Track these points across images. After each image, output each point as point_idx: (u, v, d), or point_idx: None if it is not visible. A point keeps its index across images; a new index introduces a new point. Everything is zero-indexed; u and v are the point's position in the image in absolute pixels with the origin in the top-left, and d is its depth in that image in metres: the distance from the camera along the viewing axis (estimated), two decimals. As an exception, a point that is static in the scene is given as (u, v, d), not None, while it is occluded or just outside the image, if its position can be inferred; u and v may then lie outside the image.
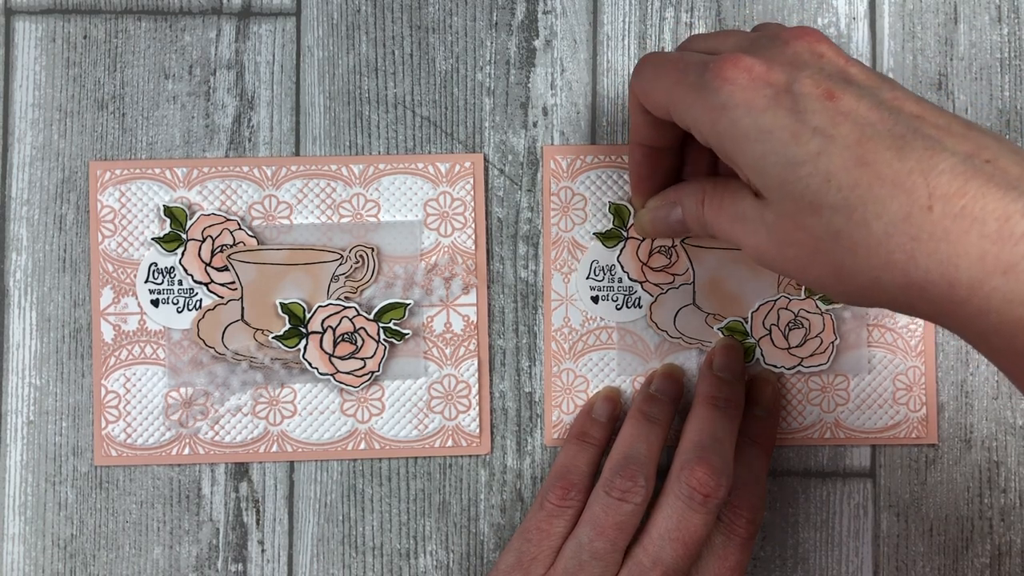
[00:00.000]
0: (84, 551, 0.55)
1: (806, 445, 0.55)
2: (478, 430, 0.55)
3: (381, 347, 0.54)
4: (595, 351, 0.55)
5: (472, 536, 0.55)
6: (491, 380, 0.55)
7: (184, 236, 0.54)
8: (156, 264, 0.55)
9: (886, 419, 0.55)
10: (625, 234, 0.55)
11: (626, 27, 0.56)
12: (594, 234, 0.55)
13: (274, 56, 0.56)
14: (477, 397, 0.55)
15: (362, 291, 0.55)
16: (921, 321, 0.55)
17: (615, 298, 0.55)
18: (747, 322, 0.54)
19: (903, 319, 0.55)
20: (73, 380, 0.55)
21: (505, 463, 0.55)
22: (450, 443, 0.55)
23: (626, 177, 0.55)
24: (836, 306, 0.54)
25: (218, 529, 0.55)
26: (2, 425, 0.55)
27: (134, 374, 0.55)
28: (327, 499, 0.55)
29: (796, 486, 0.55)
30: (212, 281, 0.54)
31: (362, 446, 0.55)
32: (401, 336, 0.54)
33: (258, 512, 0.55)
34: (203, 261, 0.54)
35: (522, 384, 0.55)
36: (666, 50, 0.56)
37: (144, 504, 0.55)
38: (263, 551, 0.55)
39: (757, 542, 0.55)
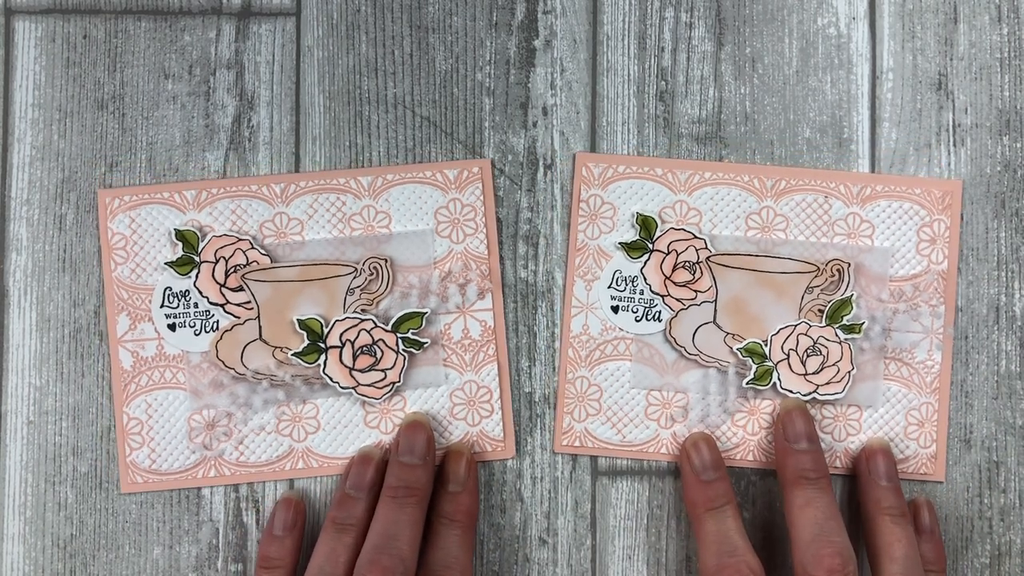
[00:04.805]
0: (84, 551, 0.55)
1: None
2: (502, 434, 0.55)
3: (400, 357, 0.54)
4: (611, 361, 0.55)
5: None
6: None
7: (197, 259, 0.54)
8: (171, 288, 0.55)
9: (895, 453, 0.55)
10: (650, 246, 0.55)
11: (626, 27, 0.56)
12: (619, 244, 0.55)
13: (274, 56, 0.56)
14: (499, 401, 0.55)
15: (378, 303, 0.55)
16: (939, 357, 0.55)
17: (635, 309, 0.55)
18: (766, 345, 0.54)
19: (921, 354, 0.55)
20: (73, 380, 0.55)
21: (505, 463, 0.55)
22: (475, 449, 0.55)
23: (657, 189, 0.55)
24: (855, 335, 0.54)
25: (218, 529, 0.55)
26: (2, 425, 0.55)
27: (155, 399, 0.55)
28: (327, 499, 0.55)
29: (796, 486, 0.55)
30: (228, 302, 0.54)
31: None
32: (420, 345, 0.54)
33: (258, 512, 0.55)
34: (218, 282, 0.54)
35: (522, 384, 0.55)
36: (665, 50, 0.56)
37: (144, 504, 0.55)
38: (263, 551, 0.55)
39: (757, 542, 0.55)
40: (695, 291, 0.55)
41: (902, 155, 0.56)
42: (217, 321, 0.54)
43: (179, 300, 0.54)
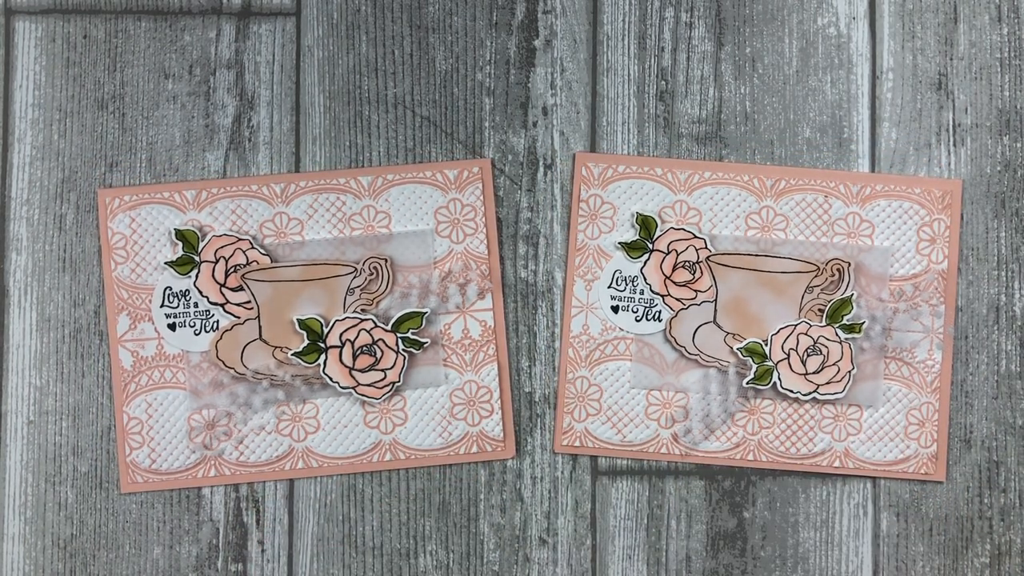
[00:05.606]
0: (84, 551, 0.55)
1: (814, 473, 0.55)
2: (502, 434, 0.55)
3: (400, 357, 0.54)
4: (611, 361, 0.55)
5: (472, 536, 0.55)
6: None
7: (197, 258, 0.54)
8: (171, 288, 0.55)
9: (896, 452, 0.55)
10: (650, 246, 0.55)
11: (626, 27, 0.56)
12: (619, 244, 0.55)
13: (274, 56, 0.56)
14: (499, 401, 0.55)
15: (378, 303, 0.55)
16: (939, 357, 0.55)
17: (635, 309, 0.55)
18: (766, 344, 0.54)
19: (921, 354, 0.55)
20: (73, 380, 0.55)
21: (505, 463, 0.55)
22: (475, 449, 0.55)
23: (657, 189, 0.55)
24: (856, 335, 0.54)
25: (218, 529, 0.55)
26: (2, 425, 0.55)
27: (155, 399, 0.55)
28: (327, 499, 0.55)
29: (796, 486, 0.55)
30: (228, 302, 0.54)
31: (387, 457, 0.55)
32: (420, 345, 0.54)
33: (258, 512, 0.55)
34: (218, 282, 0.54)
35: (522, 384, 0.55)
36: (665, 50, 0.56)
37: (144, 504, 0.55)
38: (263, 551, 0.55)
39: (757, 542, 0.55)
40: (695, 291, 0.55)
41: (902, 155, 0.56)
42: (217, 321, 0.54)
43: (179, 300, 0.54)
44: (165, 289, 0.54)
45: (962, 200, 0.56)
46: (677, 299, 0.55)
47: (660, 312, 0.55)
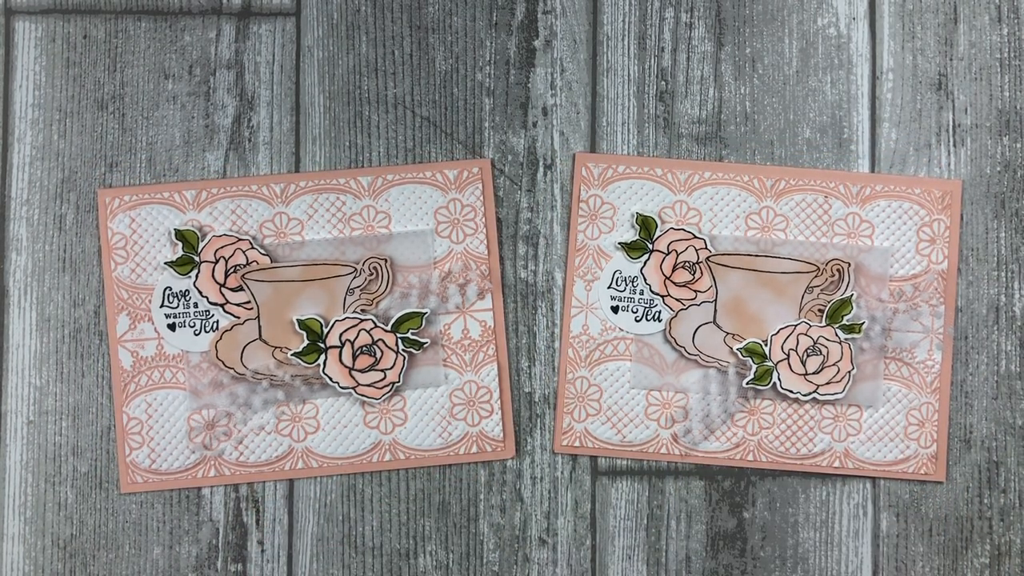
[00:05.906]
0: (84, 551, 0.55)
1: (814, 473, 0.55)
2: (502, 435, 0.55)
3: (400, 357, 0.54)
4: (611, 361, 0.55)
5: (472, 536, 0.55)
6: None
7: (197, 259, 0.55)
8: (171, 288, 0.55)
9: (896, 453, 0.55)
10: (650, 246, 0.55)
11: (626, 27, 0.56)
12: (619, 244, 0.55)
13: (274, 56, 0.56)
14: (499, 401, 0.55)
15: (378, 303, 0.55)
16: (939, 357, 0.55)
17: (635, 310, 0.55)
18: (766, 345, 0.54)
19: (921, 354, 0.55)
20: (73, 380, 0.55)
21: (505, 463, 0.55)
22: (475, 449, 0.55)
23: (657, 189, 0.55)
24: (856, 335, 0.54)
25: (218, 529, 0.55)
26: (2, 425, 0.55)
27: (155, 399, 0.55)
28: (327, 499, 0.55)
29: (796, 486, 0.55)
30: (228, 302, 0.55)
31: (387, 457, 0.55)
32: (420, 345, 0.54)
33: (258, 512, 0.55)
34: (217, 282, 0.54)
35: (522, 384, 0.55)
36: (665, 50, 0.56)
37: (144, 504, 0.55)
38: (263, 551, 0.55)
39: (757, 542, 0.55)
40: (695, 291, 0.55)
41: (902, 155, 0.56)
42: (217, 321, 0.54)
43: (179, 300, 0.54)
44: (165, 289, 0.55)
45: (962, 200, 0.56)
46: (677, 299, 0.55)
47: (660, 312, 0.55)
